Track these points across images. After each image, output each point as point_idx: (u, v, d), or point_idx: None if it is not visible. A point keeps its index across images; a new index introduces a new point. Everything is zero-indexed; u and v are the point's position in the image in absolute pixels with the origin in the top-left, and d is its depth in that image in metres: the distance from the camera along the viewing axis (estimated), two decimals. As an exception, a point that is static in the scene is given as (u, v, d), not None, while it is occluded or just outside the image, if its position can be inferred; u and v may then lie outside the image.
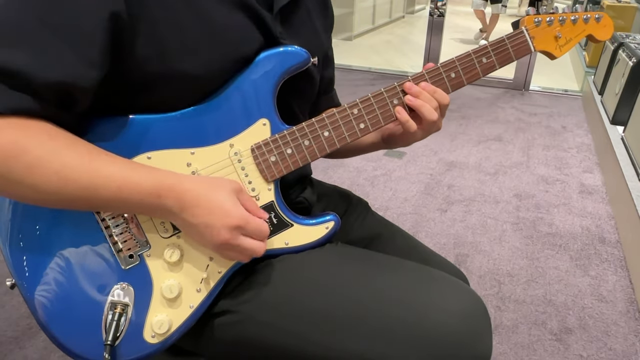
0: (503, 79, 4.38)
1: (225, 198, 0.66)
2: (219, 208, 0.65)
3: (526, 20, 0.82)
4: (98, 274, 0.69)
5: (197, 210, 0.64)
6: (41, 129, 0.60)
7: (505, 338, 1.56)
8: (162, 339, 0.72)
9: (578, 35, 0.84)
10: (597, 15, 0.83)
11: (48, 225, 0.68)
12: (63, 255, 0.68)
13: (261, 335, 0.74)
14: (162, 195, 0.64)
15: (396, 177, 2.62)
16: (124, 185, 0.62)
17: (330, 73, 0.96)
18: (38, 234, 0.68)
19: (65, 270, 0.68)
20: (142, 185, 0.63)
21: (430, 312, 0.69)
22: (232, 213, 0.65)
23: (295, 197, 0.88)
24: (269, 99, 0.73)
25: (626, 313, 1.70)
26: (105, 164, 0.63)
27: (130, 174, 0.63)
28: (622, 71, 3.04)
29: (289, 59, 0.73)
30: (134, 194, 0.63)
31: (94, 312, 0.69)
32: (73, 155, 0.61)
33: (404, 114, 0.78)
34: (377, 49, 6.13)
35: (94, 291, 0.69)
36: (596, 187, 2.59)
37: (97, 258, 0.69)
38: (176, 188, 0.64)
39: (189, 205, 0.64)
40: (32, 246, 0.68)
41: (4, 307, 1.59)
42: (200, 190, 0.65)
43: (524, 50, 0.81)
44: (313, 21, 0.85)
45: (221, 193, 0.66)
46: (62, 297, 0.68)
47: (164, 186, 0.64)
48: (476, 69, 0.80)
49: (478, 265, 1.92)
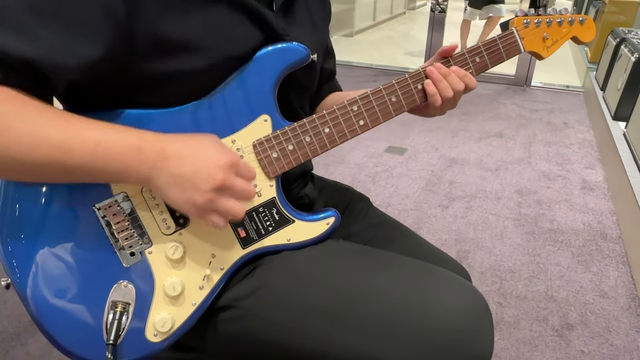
0: (504, 75, 4.37)
1: (210, 142, 0.65)
2: (208, 152, 0.63)
3: (515, 21, 0.85)
4: (98, 272, 0.69)
5: (184, 159, 0.62)
6: (10, 94, 0.59)
7: (507, 334, 1.56)
8: (164, 337, 0.71)
9: (564, 37, 0.87)
10: (581, 18, 0.87)
11: (45, 220, 0.67)
12: (61, 252, 0.67)
13: (262, 331, 0.74)
14: (143, 148, 0.61)
15: (397, 174, 2.62)
16: (102, 143, 0.60)
17: (331, 65, 0.96)
18: (34, 230, 0.67)
19: (64, 268, 0.67)
20: (121, 141, 0.61)
21: (431, 309, 0.69)
22: (221, 153, 0.64)
23: (297, 193, 0.88)
24: (270, 96, 0.73)
25: (627, 309, 1.70)
26: (81, 123, 0.61)
27: (109, 131, 0.61)
28: (624, 67, 3.03)
29: (289, 56, 0.73)
30: (112, 151, 0.60)
31: (94, 312, 0.68)
32: (44, 116, 0.59)
33: (432, 87, 0.80)
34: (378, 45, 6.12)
35: (94, 290, 0.69)
36: (598, 183, 2.59)
37: (98, 256, 0.69)
38: (157, 140, 0.62)
39: (174, 156, 0.62)
40: (28, 243, 0.66)
41: (6, 304, 1.59)
42: (182, 140, 0.64)
43: (514, 51, 0.85)
44: (312, 14, 0.85)
45: (204, 140, 0.65)
46: (60, 296, 0.67)
47: (144, 139, 0.62)
48: (470, 68, 0.83)
49: (479, 262, 1.92)
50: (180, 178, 0.62)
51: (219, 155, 0.64)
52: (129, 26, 0.62)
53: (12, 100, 0.58)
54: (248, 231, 0.75)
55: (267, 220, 0.76)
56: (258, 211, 0.75)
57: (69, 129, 0.60)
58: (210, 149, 0.64)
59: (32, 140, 0.58)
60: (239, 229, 0.74)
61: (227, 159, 0.64)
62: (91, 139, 0.60)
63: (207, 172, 0.62)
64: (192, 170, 0.62)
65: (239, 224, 0.74)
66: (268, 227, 0.76)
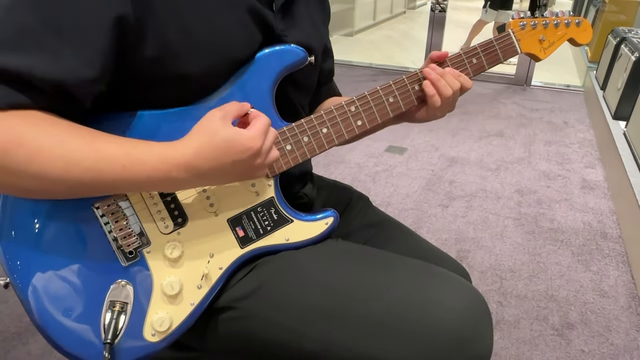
0: (505, 75, 4.37)
1: (228, 135, 0.64)
2: (235, 147, 0.63)
3: (512, 23, 0.86)
4: (96, 271, 0.69)
5: (217, 166, 0.63)
6: (40, 117, 0.59)
7: (507, 333, 1.56)
8: (162, 336, 0.71)
9: (560, 39, 0.88)
10: (577, 20, 0.88)
11: (43, 220, 0.67)
12: (59, 251, 0.67)
13: (261, 331, 0.74)
14: (172, 171, 0.62)
15: (397, 173, 2.62)
16: (128, 164, 0.61)
17: (329, 64, 0.96)
18: (32, 229, 0.66)
19: (62, 267, 0.67)
20: (146, 162, 0.62)
21: (431, 309, 0.69)
22: (248, 144, 0.64)
23: (296, 192, 0.88)
24: (268, 97, 0.74)
25: (628, 308, 1.69)
26: (107, 144, 0.61)
27: (132, 151, 0.62)
28: (625, 66, 3.03)
29: (286, 58, 0.73)
30: (140, 173, 0.62)
31: (92, 311, 0.68)
32: (75, 138, 0.60)
33: (430, 88, 0.80)
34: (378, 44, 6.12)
35: (91, 289, 0.68)
36: (598, 183, 2.59)
37: (96, 255, 0.68)
38: (182, 161, 0.62)
39: (206, 169, 0.63)
40: (26, 242, 0.66)
41: (7, 303, 1.60)
42: (204, 148, 0.63)
43: (511, 52, 0.85)
44: (312, 14, 0.85)
45: (221, 133, 0.63)
46: (58, 295, 0.67)
47: (169, 162, 0.62)
48: (467, 69, 0.84)
49: (480, 261, 1.92)
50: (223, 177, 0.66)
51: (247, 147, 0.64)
52: (138, 31, 0.63)
53: (41, 122, 0.59)
54: (246, 231, 0.75)
55: (265, 219, 0.76)
56: (256, 211, 0.75)
57: (97, 150, 0.60)
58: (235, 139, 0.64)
59: (65, 164, 0.58)
60: (237, 229, 0.74)
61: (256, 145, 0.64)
62: (117, 161, 0.61)
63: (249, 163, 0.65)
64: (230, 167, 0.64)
65: (237, 224, 0.74)
66: (266, 226, 0.76)
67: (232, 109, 0.67)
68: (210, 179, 0.66)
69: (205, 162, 0.63)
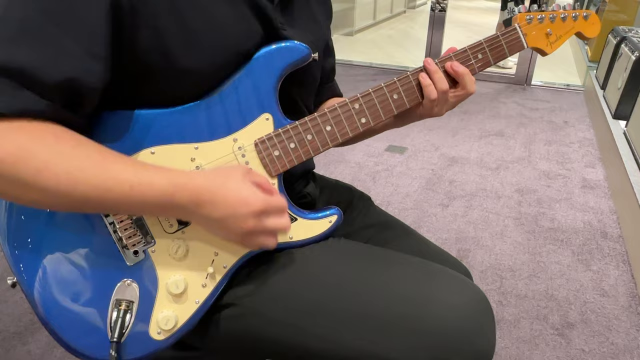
0: (505, 74, 4.37)
1: (240, 186, 0.65)
2: (238, 198, 0.64)
3: (518, 17, 0.85)
4: (102, 271, 0.69)
5: (216, 205, 0.64)
6: (47, 131, 0.59)
7: (507, 333, 1.57)
8: (168, 335, 0.72)
9: (567, 33, 0.87)
10: (585, 13, 0.87)
11: (50, 220, 0.67)
12: (66, 251, 0.68)
13: (264, 328, 0.74)
14: (177, 194, 0.63)
15: (398, 173, 2.62)
16: (136, 186, 0.61)
17: (331, 62, 0.96)
18: (40, 229, 0.67)
19: (68, 266, 0.68)
20: (155, 184, 0.62)
21: (433, 307, 0.69)
22: (252, 200, 0.64)
23: (299, 191, 0.88)
24: (271, 94, 0.73)
25: (628, 308, 1.70)
26: (115, 164, 0.61)
27: (142, 174, 0.62)
28: (625, 65, 3.03)
29: (290, 55, 0.73)
30: (147, 194, 0.62)
31: (98, 310, 0.69)
32: (82, 156, 0.60)
33: (426, 78, 0.80)
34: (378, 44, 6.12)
35: (98, 288, 0.69)
36: (598, 182, 2.59)
37: (101, 254, 0.69)
38: (189, 186, 0.63)
39: (206, 201, 0.64)
40: (34, 241, 0.67)
41: (7, 303, 1.60)
42: (214, 184, 0.64)
43: (517, 47, 0.84)
44: (313, 10, 0.85)
45: (235, 182, 0.65)
46: (64, 293, 0.68)
47: (177, 185, 0.63)
48: (472, 64, 0.83)
49: (480, 260, 1.92)
50: (216, 222, 0.65)
51: (250, 203, 0.64)
52: (133, 21, 0.62)
53: (47, 137, 0.59)
54: (250, 229, 0.75)
55: (269, 218, 0.76)
56: (260, 209, 0.75)
57: (105, 168, 0.60)
58: (243, 193, 0.65)
59: (70, 180, 0.58)
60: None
61: (258, 206, 0.65)
62: (126, 181, 0.61)
63: (242, 220, 0.64)
64: (226, 215, 0.64)
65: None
66: (270, 225, 0.76)
67: (259, 175, 0.69)
68: (206, 220, 0.66)
69: (209, 197, 0.63)
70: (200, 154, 0.71)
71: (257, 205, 0.64)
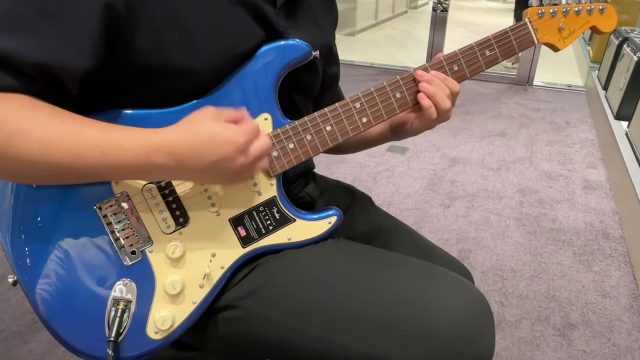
0: (506, 74, 4.36)
1: (215, 128, 0.63)
2: (218, 140, 0.62)
3: (529, 12, 0.81)
4: (100, 270, 0.69)
5: (198, 155, 0.62)
6: (23, 100, 0.59)
7: (509, 333, 1.56)
8: (165, 335, 0.72)
9: (582, 27, 0.83)
10: (600, 6, 0.82)
11: (49, 220, 0.68)
12: (65, 251, 0.68)
13: (262, 330, 0.74)
14: (152, 154, 0.61)
15: (399, 173, 2.62)
16: (108, 149, 0.60)
17: (334, 69, 0.95)
18: (39, 230, 0.67)
19: (67, 266, 0.68)
20: (127, 147, 0.61)
21: (432, 309, 0.69)
22: (232, 137, 0.63)
23: (298, 191, 0.88)
24: (270, 94, 0.73)
25: (630, 309, 1.69)
26: (88, 128, 0.61)
27: (112, 135, 0.61)
28: (627, 66, 3.02)
29: (289, 53, 0.72)
30: (121, 157, 0.60)
31: (96, 308, 0.69)
32: (55, 122, 0.59)
33: (427, 100, 0.77)
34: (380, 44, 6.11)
35: (96, 287, 0.69)
36: (600, 183, 2.58)
37: (99, 254, 0.69)
38: (163, 144, 0.62)
39: (186, 155, 0.62)
40: (33, 241, 0.67)
41: (9, 302, 1.60)
42: (187, 134, 0.62)
43: (528, 43, 0.81)
44: (317, 16, 0.84)
45: (208, 125, 0.63)
46: (64, 292, 0.68)
47: (149, 144, 0.61)
48: (479, 61, 0.80)
49: (481, 261, 1.91)
50: (203, 172, 0.64)
51: (232, 141, 0.63)
52: (129, 21, 0.62)
53: (24, 105, 0.58)
54: (248, 230, 0.75)
55: (267, 219, 0.75)
56: (258, 210, 0.75)
57: (77, 134, 0.60)
58: (221, 134, 0.63)
59: (44, 146, 0.58)
60: (239, 228, 0.74)
61: (241, 140, 0.63)
62: (97, 146, 0.60)
63: (230, 159, 0.63)
64: (212, 162, 0.62)
65: (239, 223, 0.74)
66: (268, 226, 0.76)
67: (227, 111, 0.66)
68: (191, 172, 0.64)
69: (187, 149, 0.62)
70: (198, 154, 0.71)
71: (238, 140, 0.63)
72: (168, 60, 0.66)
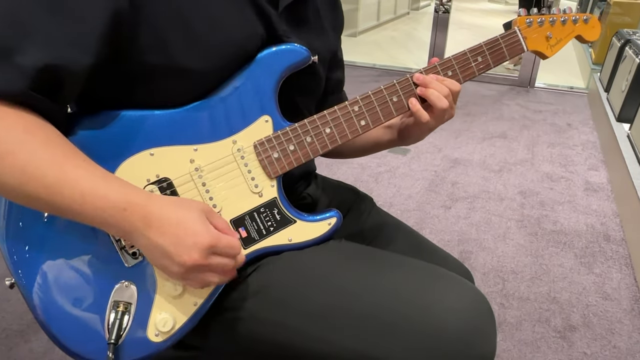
0: (508, 76, 4.36)
1: (194, 217, 0.63)
2: (189, 227, 0.62)
3: (518, 20, 0.85)
4: (100, 272, 0.69)
5: (165, 228, 0.61)
6: (18, 120, 0.58)
7: (509, 335, 1.56)
8: (166, 337, 0.72)
9: (568, 36, 0.87)
10: (585, 17, 0.87)
11: (48, 220, 0.67)
12: (64, 253, 0.68)
13: (264, 331, 0.74)
14: (128, 209, 0.61)
15: (400, 174, 2.62)
16: (89, 194, 0.59)
17: (339, 74, 0.95)
18: (37, 230, 0.67)
19: (67, 268, 0.68)
20: (109, 197, 0.60)
21: (434, 310, 0.69)
22: (202, 232, 0.62)
23: (300, 193, 0.88)
24: (271, 96, 0.73)
25: (631, 311, 1.69)
26: (76, 168, 0.60)
27: (99, 184, 0.60)
28: (629, 68, 3.02)
29: (289, 57, 0.73)
30: (98, 205, 0.60)
31: (96, 311, 0.69)
32: (44, 153, 0.59)
33: (415, 103, 0.79)
34: (382, 45, 6.11)
35: (95, 289, 0.69)
36: (601, 185, 2.58)
37: (100, 255, 0.69)
38: (143, 204, 0.61)
39: (156, 223, 0.61)
40: (31, 242, 0.67)
41: (10, 301, 1.60)
42: (168, 209, 0.63)
43: (517, 50, 0.84)
44: (321, 20, 0.84)
45: (191, 212, 0.63)
46: (62, 295, 0.68)
47: (131, 201, 0.61)
48: (472, 67, 0.83)
49: (482, 263, 1.91)
50: (159, 248, 0.62)
51: (201, 235, 0.62)
52: (133, 19, 0.63)
53: (17, 127, 0.58)
54: (249, 231, 0.75)
55: (268, 220, 0.76)
56: (259, 211, 0.75)
57: (65, 171, 0.59)
58: (195, 224, 0.63)
59: (24, 175, 0.58)
60: (240, 229, 0.74)
61: (207, 239, 0.63)
62: (79, 187, 0.59)
63: (187, 250, 0.62)
64: (172, 242, 0.62)
65: (240, 224, 0.75)
66: (269, 227, 0.76)
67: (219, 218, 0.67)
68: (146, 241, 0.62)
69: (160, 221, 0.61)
70: (199, 156, 0.71)
71: (205, 239, 0.62)
72: (170, 59, 0.66)
